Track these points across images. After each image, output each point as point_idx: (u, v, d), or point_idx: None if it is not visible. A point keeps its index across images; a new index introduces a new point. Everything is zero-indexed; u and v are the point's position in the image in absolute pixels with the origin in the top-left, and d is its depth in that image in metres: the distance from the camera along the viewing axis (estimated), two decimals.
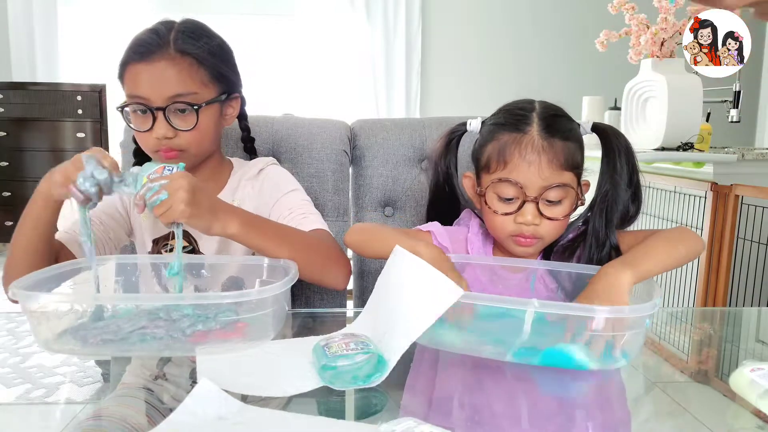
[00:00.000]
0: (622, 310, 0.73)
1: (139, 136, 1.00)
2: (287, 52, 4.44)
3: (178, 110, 0.97)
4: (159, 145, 0.97)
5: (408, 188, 1.30)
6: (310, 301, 1.26)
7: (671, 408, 0.73)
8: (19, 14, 4.14)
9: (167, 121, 0.96)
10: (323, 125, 1.31)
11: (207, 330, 0.76)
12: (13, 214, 3.74)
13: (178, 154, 0.98)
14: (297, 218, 1.02)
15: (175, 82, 0.96)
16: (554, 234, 0.93)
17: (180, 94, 0.96)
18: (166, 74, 0.95)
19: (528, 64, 4.54)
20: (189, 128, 0.97)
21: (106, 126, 3.87)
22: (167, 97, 0.95)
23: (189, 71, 0.97)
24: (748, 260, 2.07)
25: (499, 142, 0.92)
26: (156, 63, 0.95)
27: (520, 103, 0.96)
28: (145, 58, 0.95)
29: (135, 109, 0.97)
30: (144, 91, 0.95)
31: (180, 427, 0.60)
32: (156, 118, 0.95)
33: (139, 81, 0.96)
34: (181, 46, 0.97)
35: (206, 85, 0.99)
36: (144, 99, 0.95)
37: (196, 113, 0.97)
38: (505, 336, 0.74)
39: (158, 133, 0.96)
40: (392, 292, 0.79)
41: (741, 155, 2.15)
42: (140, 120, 0.98)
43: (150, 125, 0.96)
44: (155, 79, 0.95)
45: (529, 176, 0.88)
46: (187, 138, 0.98)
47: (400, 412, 0.69)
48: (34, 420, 0.79)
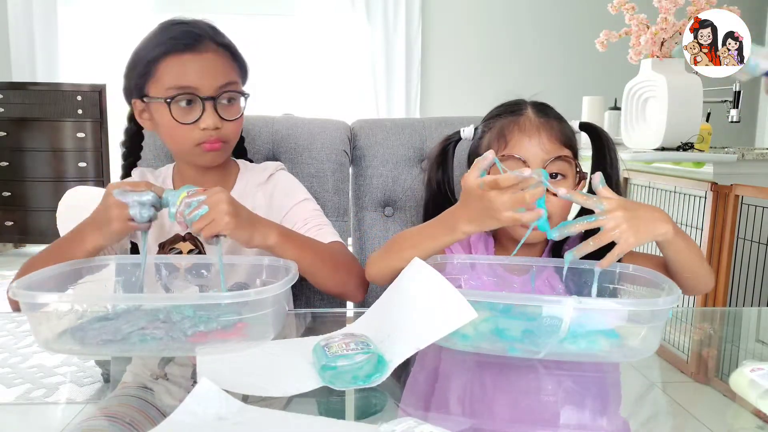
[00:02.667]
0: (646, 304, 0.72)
1: (179, 130, 0.96)
2: (287, 52, 4.44)
3: (225, 101, 0.97)
4: (205, 137, 0.96)
5: (408, 188, 1.30)
6: (310, 301, 1.25)
7: (671, 408, 0.73)
8: (19, 14, 4.13)
9: (216, 112, 0.95)
10: (323, 125, 1.31)
11: (207, 330, 0.76)
12: (13, 214, 3.74)
13: (221, 146, 0.98)
14: (313, 230, 1.02)
15: (223, 72, 0.96)
16: (560, 212, 0.92)
17: (228, 83, 0.97)
18: (216, 64, 0.96)
19: (528, 64, 4.53)
20: (235, 118, 0.98)
21: (106, 126, 3.87)
22: (218, 87, 0.95)
23: (231, 63, 0.99)
24: (748, 260, 2.07)
25: (497, 128, 0.95)
26: (203, 54, 0.95)
27: (510, 100, 1.00)
28: (192, 48, 0.94)
29: (180, 101, 0.95)
30: (193, 81, 0.94)
31: (180, 427, 0.60)
32: (205, 108, 0.94)
33: (188, 71, 0.94)
34: (220, 40, 0.98)
35: (240, 78, 1.02)
36: (192, 89, 0.94)
37: (241, 101, 0.99)
38: (541, 335, 0.72)
39: (208, 123, 0.94)
40: (403, 299, 0.79)
41: (741, 155, 2.15)
42: (185, 112, 0.95)
43: (197, 116, 0.95)
44: (205, 68, 0.95)
45: (531, 150, 0.90)
46: (230, 129, 0.98)
47: (400, 412, 0.69)
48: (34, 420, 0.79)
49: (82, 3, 4.23)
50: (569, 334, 0.69)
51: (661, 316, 0.70)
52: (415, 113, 4.50)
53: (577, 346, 0.71)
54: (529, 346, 0.72)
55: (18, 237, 3.85)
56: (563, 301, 0.69)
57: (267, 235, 0.87)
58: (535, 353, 0.73)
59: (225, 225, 0.80)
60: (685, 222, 2.24)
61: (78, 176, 3.82)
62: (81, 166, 3.84)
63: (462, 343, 0.74)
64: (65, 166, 3.83)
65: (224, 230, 0.81)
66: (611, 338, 0.72)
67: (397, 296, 0.81)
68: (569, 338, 0.70)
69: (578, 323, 0.70)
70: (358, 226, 1.32)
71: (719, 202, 2.06)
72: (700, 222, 2.15)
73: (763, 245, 2.03)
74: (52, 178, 3.80)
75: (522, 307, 0.73)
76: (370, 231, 1.30)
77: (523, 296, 0.74)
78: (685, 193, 2.25)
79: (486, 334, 0.74)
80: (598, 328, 0.72)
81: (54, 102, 3.79)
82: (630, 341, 0.72)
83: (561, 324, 0.68)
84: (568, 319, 0.68)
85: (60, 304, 0.78)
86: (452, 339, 0.72)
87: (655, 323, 0.71)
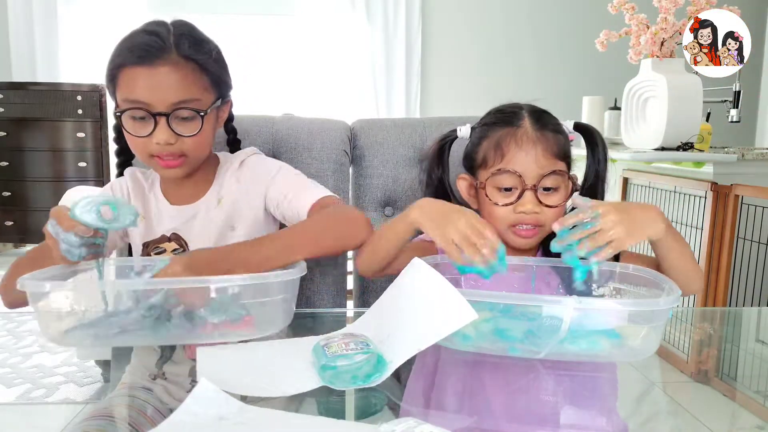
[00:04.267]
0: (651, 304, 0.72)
1: (135, 141, 0.95)
2: (287, 52, 4.44)
3: (181, 117, 0.93)
4: (160, 151, 0.93)
5: (408, 188, 1.30)
6: (310, 301, 1.25)
7: (671, 408, 0.73)
8: (19, 14, 4.13)
9: (169, 127, 0.92)
10: (323, 125, 1.31)
11: (217, 322, 0.76)
12: (13, 214, 3.74)
13: (182, 162, 0.96)
14: (295, 200, 1.00)
15: (178, 88, 0.92)
16: (553, 221, 0.94)
17: (184, 100, 0.92)
18: (170, 80, 0.91)
19: (528, 64, 4.53)
20: (192, 134, 0.94)
21: (106, 126, 3.86)
22: (171, 104, 0.91)
23: (192, 77, 0.93)
24: (748, 260, 2.07)
25: (493, 137, 0.96)
26: (158, 68, 0.91)
27: (507, 105, 1.01)
28: (146, 62, 0.90)
29: (133, 115, 0.93)
30: (144, 96, 0.91)
31: (180, 427, 0.60)
32: (158, 124, 0.91)
33: (138, 86, 0.91)
34: (184, 51, 0.93)
35: (207, 90, 0.96)
36: (143, 104, 0.91)
37: (201, 119, 0.94)
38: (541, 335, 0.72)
39: (159, 138, 0.91)
40: (404, 300, 0.78)
41: (741, 155, 2.15)
42: (138, 125, 0.93)
43: (150, 131, 0.92)
44: (157, 84, 0.91)
45: (526, 165, 0.92)
46: (188, 144, 0.94)
47: (400, 412, 0.69)
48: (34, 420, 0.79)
49: (82, 3, 4.23)
50: (570, 334, 0.69)
51: (662, 316, 0.70)
52: (415, 113, 4.50)
53: (577, 346, 0.71)
54: (530, 346, 0.72)
55: (18, 237, 3.85)
56: (563, 301, 0.69)
57: (247, 266, 0.84)
58: (536, 353, 0.73)
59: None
60: (685, 222, 2.24)
61: (78, 176, 3.82)
62: (81, 166, 3.84)
63: (463, 344, 0.74)
64: (65, 166, 3.83)
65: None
66: (612, 338, 0.72)
67: (397, 296, 0.81)
68: (569, 338, 0.70)
69: (579, 323, 0.70)
70: None
71: (719, 202, 2.06)
72: (700, 222, 2.15)
73: (763, 245, 2.03)
74: (52, 178, 3.80)
75: (522, 307, 0.73)
76: None
77: (523, 296, 0.73)
78: (685, 193, 2.25)
79: (487, 334, 0.74)
80: (599, 328, 0.72)
81: (54, 102, 3.79)
82: (630, 341, 0.72)
83: (561, 324, 0.68)
84: (568, 319, 0.68)
85: (69, 298, 0.77)
86: (453, 339, 0.72)
87: (655, 323, 0.71)
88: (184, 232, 1.02)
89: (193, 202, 1.04)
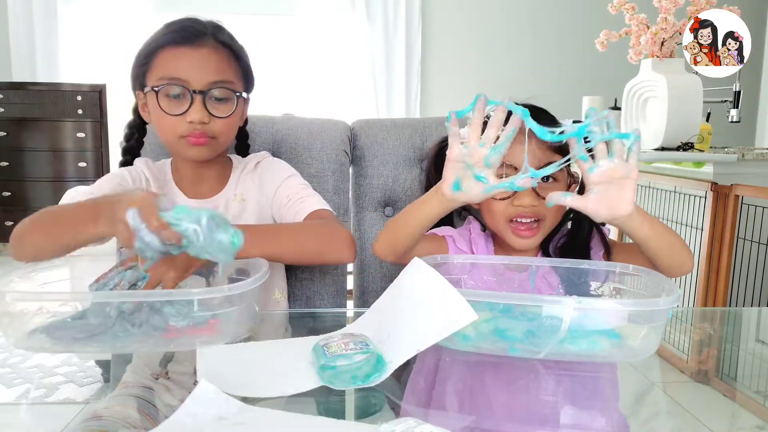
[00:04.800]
0: (649, 304, 0.71)
1: (167, 121, 0.96)
2: (287, 52, 4.44)
3: (216, 98, 0.97)
4: (191, 130, 0.96)
5: (408, 188, 1.30)
6: (310, 301, 1.25)
7: (671, 408, 0.73)
8: (19, 14, 4.13)
9: (204, 106, 0.95)
10: (323, 125, 1.31)
11: (180, 327, 0.75)
12: (13, 214, 3.74)
13: (208, 141, 0.98)
14: (296, 204, 1.04)
15: (217, 69, 0.97)
16: (553, 216, 0.94)
17: (221, 80, 0.97)
18: (209, 60, 0.97)
19: (528, 64, 4.53)
20: (225, 115, 0.98)
21: (106, 126, 3.87)
22: (209, 82, 0.96)
23: (228, 62, 0.99)
24: (748, 260, 2.07)
25: None
26: (199, 48, 0.96)
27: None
28: (188, 41, 0.96)
29: (169, 93, 0.96)
30: (184, 74, 0.95)
31: (180, 428, 0.60)
32: (193, 101, 0.95)
33: (180, 63, 0.95)
34: (221, 38, 0.99)
35: (239, 79, 1.02)
36: (182, 81, 0.95)
37: (236, 100, 0.99)
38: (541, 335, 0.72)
39: (194, 116, 0.95)
40: (404, 300, 0.78)
41: (741, 155, 2.15)
42: (173, 103, 0.96)
43: (185, 109, 0.95)
44: (198, 63, 0.96)
45: (521, 156, 0.89)
46: (219, 126, 0.98)
47: (400, 412, 0.69)
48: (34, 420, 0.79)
49: (82, 3, 4.23)
50: (569, 334, 0.69)
51: (662, 316, 0.70)
52: (415, 113, 4.50)
53: (577, 346, 0.71)
54: (530, 346, 0.72)
55: None
56: (564, 301, 0.69)
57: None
58: (536, 353, 0.73)
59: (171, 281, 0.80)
60: (685, 222, 2.24)
61: (78, 176, 3.82)
62: (81, 166, 3.84)
63: (463, 344, 0.74)
64: (65, 166, 3.83)
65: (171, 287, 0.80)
66: (612, 338, 0.72)
67: (397, 296, 0.81)
68: (569, 338, 0.70)
69: (579, 323, 0.70)
70: (358, 226, 1.32)
71: (719, 202, 2.06)
72: (700, 222, 2.15)
73: (763, 245, 2.03)
74: (52, 178, 3.80)
75: (522, 307, 0.73)
76: (370, 231, 1.30)
77: (523, 296, 0.73)
78: (685, 193, 2.25)
79: (487, 334, 0.74)
80: (599, 328, 0.72)
81: (54, 102, 3.79)
82: (630, 341, 0.72)
83: (561, 324, 0.69)
84: (568, 319, 0.68)
85: (30, 304, 0.75)
86: (453, 339, 0.72)
87: (655, 323, 0.71)
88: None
89: (211, 196, 1.07)
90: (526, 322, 0.73)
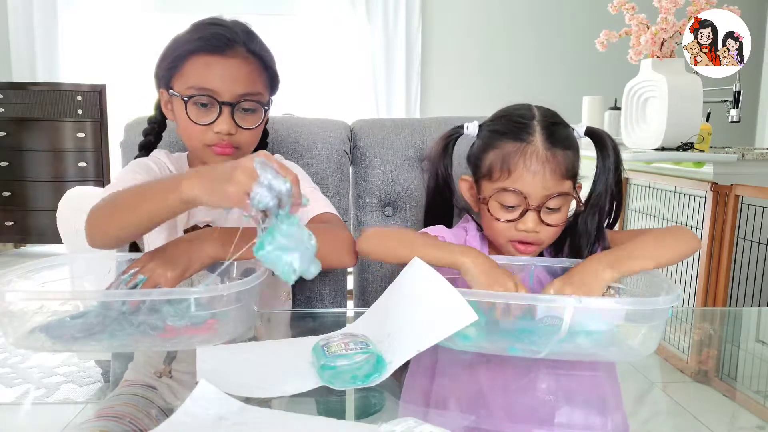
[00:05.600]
0: (648, 302, 0.71)
1: (192, 129, 0.97)
2: (287, 52, 4.44)
3: (244, 109, 0.97)
4: (218, 140, 0.96)
5: (408, 188, 1.30)
6: (310, 301, 1.26)
7: (671, 408, 0.73)
8: (19, 14, 4.13)
9: (232, 118, 0.96)
10: (323, 125, 1.31)
11: (178, 326, 0.75)
12: (13, 214, 3.74)
13: (233, 152, 0.98)
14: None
15: (246, 81, 0.96)
16: (552, 238, 0.95)
17: (250, 93, 0.97)
18: (240, 72, 0.96)
19: (528, 64, 4.53)
20: (252, 127, 0.98)
21: (107, 126, 3.86)
22: (237, 94, 0.96)
23: (257, 73, 0.99)
24: (748, 260, 2.07)
25: (502, 150, 0.92)
26: (231, 59, 0.96)
27: (519, 110, 0.96)
28: (220, 51, 0.95)
29: (197, 102, 0.95)
30: (214, 84, 0.94)
31: (180, 428, 0.60)
32: (222, 113, 0.95)
33: (211, 74, 0.95)
34: (252, 47, 0.98)
35: (266, 89, 1.02)
36: (212, 92, 0.95)
37: (264, 112, 0.99)
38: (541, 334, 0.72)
39: (221, 128, 0.95)
40: (404, 300, 0.78)
41: (741, 155, 2.15)
42: (202, 113, 0.96)
43: (213, 119, 0.95)
44: (228, 74, 0.95)
45: (533, 186, 0.89)
46: (245, 137, 0.98)
47: (400, 412, 0.69)
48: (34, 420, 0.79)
49: (83, 3, 4.23)
50: (569, 333, 0.70)
51: (661, 315, 0.70)
52: (415, 113, 4.50)
53: (577, 346, 0.71)
54: (530, 345, 0.73)
55: (18, 237, 3.84)
56: (563, 300, 0.69)
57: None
58: (536, 353, 0.73)
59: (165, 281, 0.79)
60: (685, 222, 2.24)
61: (78, 176, 3.82)
62: (81, 166, 3.84)
63: (463, 343, 0.74)
64: (65, 166, 3.82)
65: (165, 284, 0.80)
66: (611, 338, 0.72)
67: (397, 297, 0.81)
68: (569, 338, 0.70)
69: (578, 323, 0.70)
70: (358, 226, 1.32)
71: (719, 202, 2.06)
72: (700, 222, 2.15)
73: (763, 245, 2.03)
74: (52, 178, 3.80)
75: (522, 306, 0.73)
76: None
77: (523, 296, 0.74)
78: (685, 193, 2.25)
79: (487, 334, 0.74)
80: (599, 327, 0.72)
81: (54, 102, 3.79)
82: (630, 341, 0.72)
83: (561, 324, 0.69)
84: (568, 318, 0.68)
85: (29, 303, 0.76)
86: (453, 339, 0.72)
87: (654, 322, 0.71)
88: (220, 223, 1.03)
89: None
90: (526, 321, 0.73)
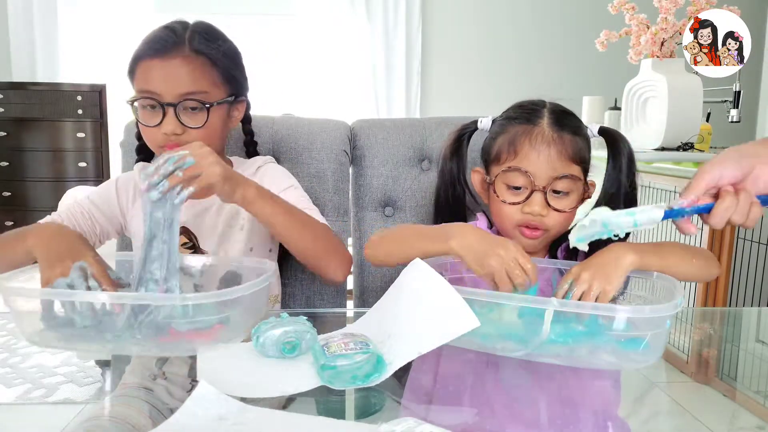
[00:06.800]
0: (643, 311, 0.71)
1: (146, 131, 1.01)
2: (287, 52, 4.43)
3: (189, 108, 0.98)
4: (166, 141, 0.98)
5: (408, 188, 1.30)
6: (310, 301, 1.26)
7: (671, 408, 0.73)
8: (19, 14, 4.12)
9: (177, 118, 0.97)
10: (323, 125, 1.31)
11: (185, 330, 0.75)
12: (13, 214, 3.73)
13: None
14: None
15: (187, 80, 0.97)
16: (560, 226, 0.94)
17: (192, 92, 0.98)
18: (180, 72, 0.97)
19: (528, 64, 4.53)
20: (198, 126, 0.99)
21: (107, 126, 3.86)
22: (179, 94, 0.97)
23: (202, 70, 0.99)
24: (748, 260, 2.06)
25: (509, 133, 0.94)
26: (170, 60, 0.97)
27: (531, 101, 0.98)
28: (160, 54, 0.97)
29: (144, 104, 0.98)
30: (156, 87, 0.96)
31: (180, 428, 0.60)
32: (166, 114, 0.96)
33: (152, 76, 0.97)
34: (196, 46, 0.99)
35: (217, 85, 1.01)
36: (155, 94, 0.97)
37: (207, 112, 0.99)
38: (526, 334, 0.72)
39: (167, 128, 0.97)
40: (405, 301, 0.78)
41: None
42: (149, 115, 0.99)
43: (159, 120, 0.97)
44: (168, 75, 0.97)
45: (538, 165, 0.90)
46: (194, 136, 0.98)
47: (400, 412, 0.69)
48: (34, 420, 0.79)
49: (83, 3, 4.22)
50: (572, 339, 0.70)
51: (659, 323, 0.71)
52: (415, 113, 4.50)
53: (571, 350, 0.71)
54: (532, 347, 0.73)
55: None
56: (546, 302, 0.69)
57: (247, 189, 0.89)
58: (537, 356, 0.73)
59: (214, 174, 0.81)
60: None
61: (78, 176, 3.82)
62: (81, 166, 3.84)
63: (464, 341, 0.74)
64: (65, 166, 3.82)
65: (214, 178, 0.81)
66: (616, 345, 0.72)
67: (398, 297, 0.80)
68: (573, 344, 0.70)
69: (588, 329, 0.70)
70: (358, 226, 1.32)
71: None
72: (700, 222, 2.15)
73: (763, 245, 2.03)
74: (52, 178, 3.80)
75: (524, 307, 0.73)
76: (370, 231, 1.30)
77: (523, 296, 0.73)
78: None
79: (487, 334, 0.74)
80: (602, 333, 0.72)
81: (54, 102, 3.79)
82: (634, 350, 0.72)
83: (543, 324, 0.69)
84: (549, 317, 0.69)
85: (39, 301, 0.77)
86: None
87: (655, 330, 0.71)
88: (194, 227, 1.06)
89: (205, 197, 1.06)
90: (526, 321, 0.73)
